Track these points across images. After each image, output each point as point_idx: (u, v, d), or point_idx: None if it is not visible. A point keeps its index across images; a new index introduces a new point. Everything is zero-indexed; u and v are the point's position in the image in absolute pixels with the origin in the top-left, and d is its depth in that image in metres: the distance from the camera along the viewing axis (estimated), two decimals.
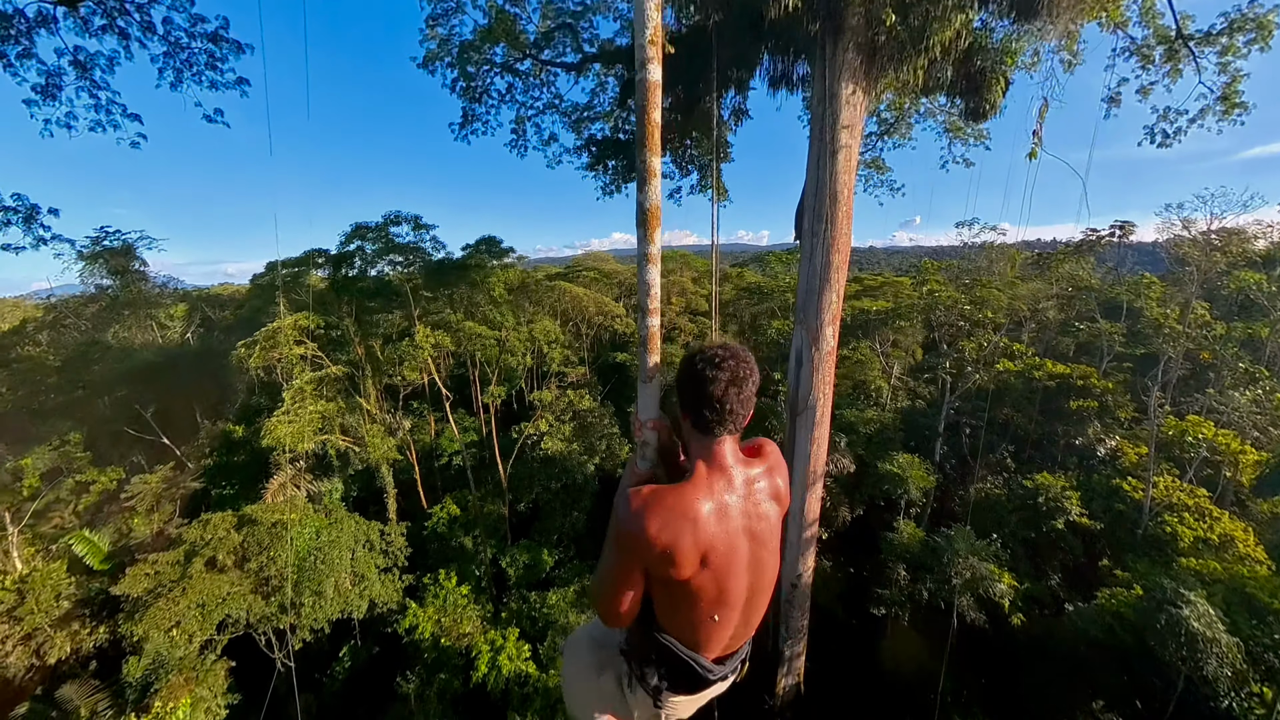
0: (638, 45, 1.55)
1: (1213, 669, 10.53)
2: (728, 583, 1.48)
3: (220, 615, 12.16)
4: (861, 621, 16.31)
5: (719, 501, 1.46)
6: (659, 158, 1.63)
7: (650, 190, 1.62)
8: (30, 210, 6.71)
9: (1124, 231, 25.33)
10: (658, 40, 1.55)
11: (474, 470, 19.14)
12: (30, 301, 41.05)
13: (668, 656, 1.58)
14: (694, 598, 1.47)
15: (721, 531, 1.44)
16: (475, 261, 19.55)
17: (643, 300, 1.71)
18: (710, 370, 1.45)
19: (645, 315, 1.71)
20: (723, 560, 1.45)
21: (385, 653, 15.23)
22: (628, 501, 1.44)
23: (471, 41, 12.14)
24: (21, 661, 14.10)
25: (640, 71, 1.56)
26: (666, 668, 1.59)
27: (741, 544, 1.49)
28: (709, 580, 1.45)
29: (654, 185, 1.62)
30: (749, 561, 1.52)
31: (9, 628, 14.46)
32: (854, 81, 8.58)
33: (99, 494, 19.21)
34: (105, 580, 16.13)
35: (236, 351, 16.36)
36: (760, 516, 1.54)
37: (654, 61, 1.55)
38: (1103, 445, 19.62)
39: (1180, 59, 11.02)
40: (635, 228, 1.67)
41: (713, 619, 1.51)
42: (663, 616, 1.56)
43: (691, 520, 1.40)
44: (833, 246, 9.28)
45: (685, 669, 1.58)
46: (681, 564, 1.39)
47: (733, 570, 1.48)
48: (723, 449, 1.51)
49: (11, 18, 6.38)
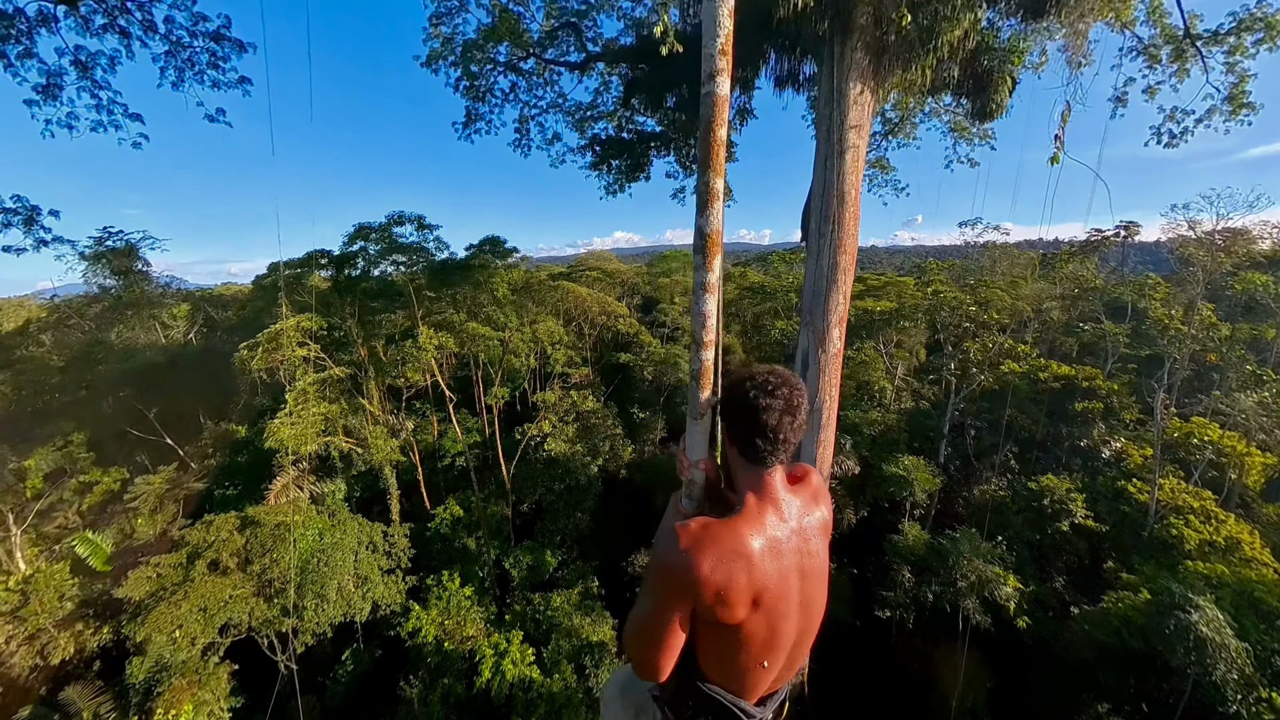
0: (706, 55, 1.42)
1: (1221, 674, 10.41)
2: (779, 625, 1.39)
3: (223, 618, 12.08)
4: (866, 624, 16.21)
5: (771, 537, 1.37)
6: (723, 178, 1.49)
7: (712, 214, 1.49)
8: (30, 212, 6.63)
9: (1129, 231, 25.14)
10: (728, 51, 1.42)
11: (477, 471, 19.06)
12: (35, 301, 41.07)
13: (709, 705, 1.47)
14: (743, 643, 1.37)
15: (775, 569, 1.35)
16: (479, 261, 19.46)
17: (697, 332, 1.58)
18: (765, 399, 1.37)
19: (699, 348, 1.58)
20: (775, 600, 1.36)
21: (388, 656, 15.16)
22: (675, 538, 1.34)
23: (475, 40, 12.05)
24: (26, 662, 14.07)
25: (708, 84, 1.42)
26: (706, 716, 1.49)
27: (794, 582, 1.40)
28: (760, 623, 1.35)
29: (716, 209, 1.49)
30: (799, 600, 1.43)
31: (13, 628, 14.42)
32: (862, 81, 8.46)
33: (102, 495, 19.18)
34: (108, 581, 16.10)
35: (239, 353, 16.28)
36: (811, 553, 1.45)
37: (724, 74, 1.42)
38: (1108, 447, 19.48)
39: (1188, 59, 10.89)
40: (693, 254, 1.55)
41: (762, 665, 1.42)
42: (705, 663, 1.46)
43: (745, 557, 1.31)
44: (840, 248, 9.16)
45: (727, 715, 1.47)
46: (735, 605, 1.30)
47: (785, 611, 1.39)
48: (774, 480, 1.43)
49: (12, 17, 6.30)
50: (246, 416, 21.27)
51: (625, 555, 17.90)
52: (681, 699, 1.52)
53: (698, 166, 1.51)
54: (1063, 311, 28.03)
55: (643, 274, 39.13)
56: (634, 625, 1.45)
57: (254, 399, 20.77)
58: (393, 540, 15.94)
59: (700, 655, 1.46)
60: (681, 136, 12.47)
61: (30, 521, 18.42)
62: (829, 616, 1.70)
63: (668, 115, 12.00)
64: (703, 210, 1.51)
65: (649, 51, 11.09)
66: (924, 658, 15.24)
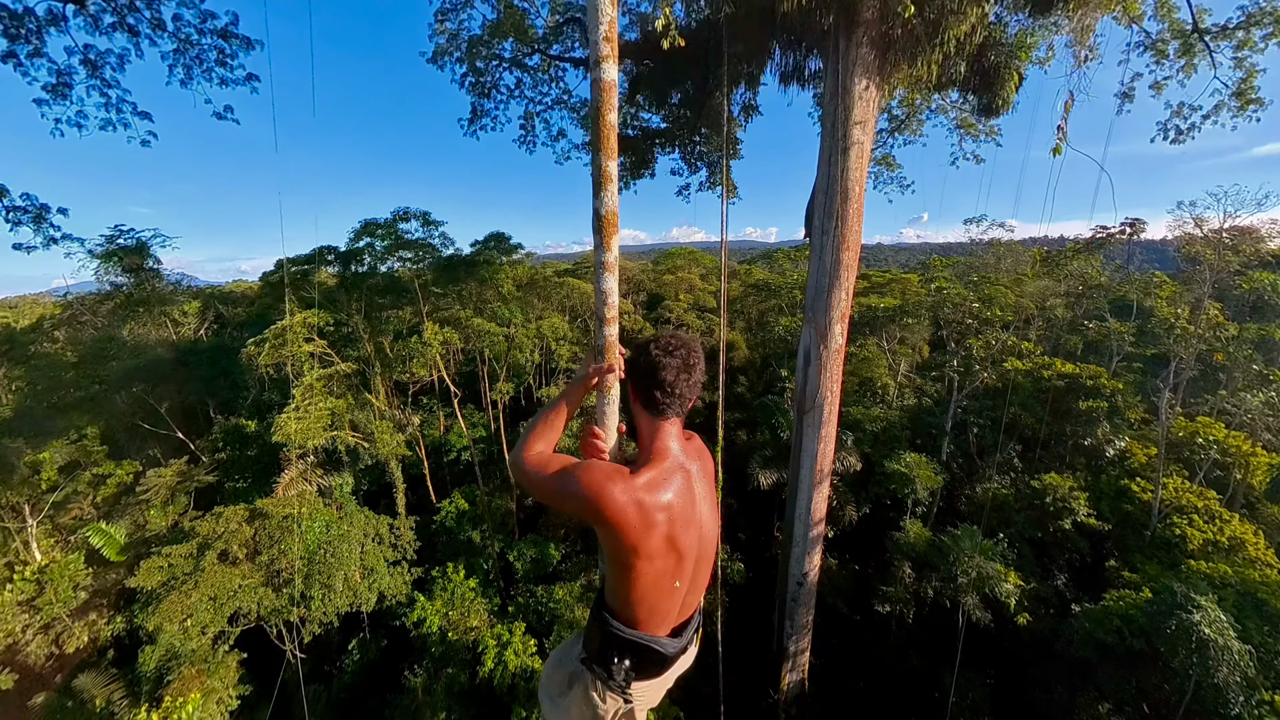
0: (591, 42, 1.45)
1: (1223, 676, 10.29)
2: (682, 541, 1.57)
3: (232, 608, 12.19)
4: (866, 619, 16.16)
5: (668, 470, 1.58)
6: (614, 161, 1.55)
7: (606, 196, 1.55)
8: (39, 210, 6.62)
9: (1134, 229, 24.77)
10: (613, 38, 1.45)
11: (482, 466, 19.11)
12: (48, 299, 41.45)
13: (627, 645, 1.63)
14: (655, 561, 1.54)
15: (674, 498, 1.55)
16: (484, 258, 19.45)
17: (599, 309, 1.67)
18: (665, 358, 1.59)
19: (602, 325, 1.67)
20: (677, 524, 1.55)
21: (393, 645, 15.26)
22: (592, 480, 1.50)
23: (480, 36, 12.00)
24: (41, 650, 14.27)
25: (594, 70, 1.46)
26: (629, 656, 1.64)
27: (689, 509, 1.61)
28: (668, 543, 1.54)
29: (610, 190, 1.56)
30: (696, 524, 1.64)
31: (29, 617, 14.63)
32: (867, 77, 8.36)
33: (115, 487, 19.36)
34: (121, 571, 16.28)
35: (247, 349, 16.36)
36: (700, 489, 1.68)
37: (609, 60, 1.46)
38: (1111, 446, 19.27)
39: (1195, 54, 10.73)
40: (592, 234, 1.59)
41: (675, 585, 1.62)
42: (624, 601, 1.62)
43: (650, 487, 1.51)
44: (843, 244, 9.09)
45: (646, 651, 1.64)
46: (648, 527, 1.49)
47: (685, 533, 1.58)
48: (670, 429, 1.65)
49: (22, 17, 6.29)
50: (255, 411, 21.37)
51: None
52: (605, 652, 1.66)
53: (590, 150, 1.55)
54: (1067, 309, 27.72)
55: (648, 271, 39.04)
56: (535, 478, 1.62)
57: (263, 394, 20.85)
58: (398, 533, 16.03)
59: (620, 593, 1.62)
60: (687, 133, 12.39)
61: (45, 513, 18.63)
62: (830, 612, 1.76)
63: (673, 112, 11.93)
64: (597, 193, 1.56)
65: (654, 48, 11.00)
66: (923, 653, 15.19)
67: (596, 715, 1.74)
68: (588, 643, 1.76)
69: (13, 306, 41.84)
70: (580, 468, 1.55)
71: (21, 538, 18.00)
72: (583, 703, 1.76)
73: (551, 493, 1.58)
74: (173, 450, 21.51)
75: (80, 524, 18.38)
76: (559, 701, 1.86)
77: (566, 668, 1.88)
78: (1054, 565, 16.70)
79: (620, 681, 1.63)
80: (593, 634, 1.72)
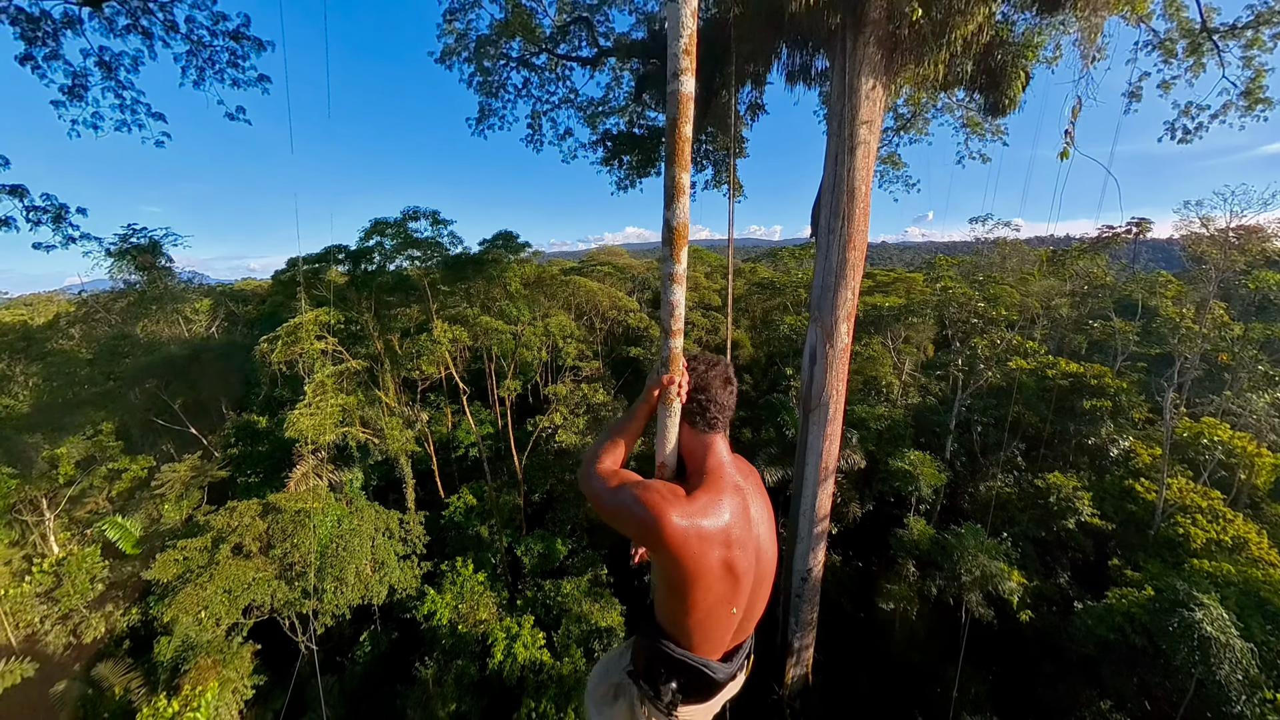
0: (670, 54, 1.43)
1: (1225, 674, 10.25)
2: (740, 571, 1.51)
3: (246, 600, 12.33)
4: (870, 615, 16.17)
5: (727, 487, 1.53)
6: (688, 173, 1.54)
7: (678, 207, 1.53)
8: (59, 210, 6.70)
9: (1140, 228, 24.54)
10: (692, 50, 1.43)
11: (490, 462, 19.20)
12: (63, 296, 41.82)
13: (679, 668, 1.57)
14: (718, 591, 1.48)
15: (736, 523, 1.49)
16: (492, 256, 19.49)
17: (666, 321, 1.62)
18: (709, 372, 1.64)
19: (668, 336, 1.63)
20: (739, 550, 1.49)
21: (404, 638, 15.38)
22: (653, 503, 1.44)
23: (488, 36, 12.03)
24: (60, 640, 14.49)
25: (672, 83, 1.44)
26: (677, 678, 1.58)
27: (749, 533, 1.54)
28: (727, 570, 1.47)
29: (682, 202, 1.53)
30: (754, 546, 1.57)
31: (47, 608, 14.84)
32: (874, 76, 8.32)
33: (130, 481, 19.57)
34: (137, 564, 16.47)
35: (260, 346, 16.49)
36: (761, 504, 1.63)
37: (687, 73, 1.44)
38: (1116, 445, 19.15)
39: (1204, 53, 10.62)
40: (662, 245, 1.58)
41: (732, 611, 1.55)
42: (677, 622, 1.56)
43: (714, 515, 1.45)
44: (849, 243, 9.07)
45: (695, 675, 1.57)
46: (703, 552, 1.42)
47: (745, 558, 1.52)
48: (720, 444, 1.63)
49: (39, 20, 6.36)
50: (267, 408, 21.53)
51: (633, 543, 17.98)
52: (654, 669, 1.60)
53: (664, 162, 1.54)
54: (1072, 308, 27.52)
55: (653, 269, 38.98)
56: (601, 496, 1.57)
57: (274, 391, 21.00)
58: (408, 527, 16.14)
59: (672, 614, 1.55)
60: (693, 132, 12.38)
61: (63, 507, 18.87)
62: (834, 609, 1.75)
63: None
64: (669, 204, 1.55)
65: (660, 46, 11.00)
66: (926, 650, 15.18)
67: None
68: (635, 656, 1.70)
69: (27, 304, 42.27)
70: (641, 487, 1.48)
71: (39, 531, 18.24)
72: (626, 718, 1.70)
73: (611, 510, 1.52)
74: (186, 446, 21.73)
75: (96, 518, 18.60)
76: (603, 712, 1.81)
77: (613, 678, 1.82)
78: (1057, 564, 16.64)
79: (666, 703, 1.57)
80: (640, 649, 1.66)
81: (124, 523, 17.33)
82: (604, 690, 1.83)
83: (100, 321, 27.30)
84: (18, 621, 14.77)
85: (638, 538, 1.50)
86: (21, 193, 6.51)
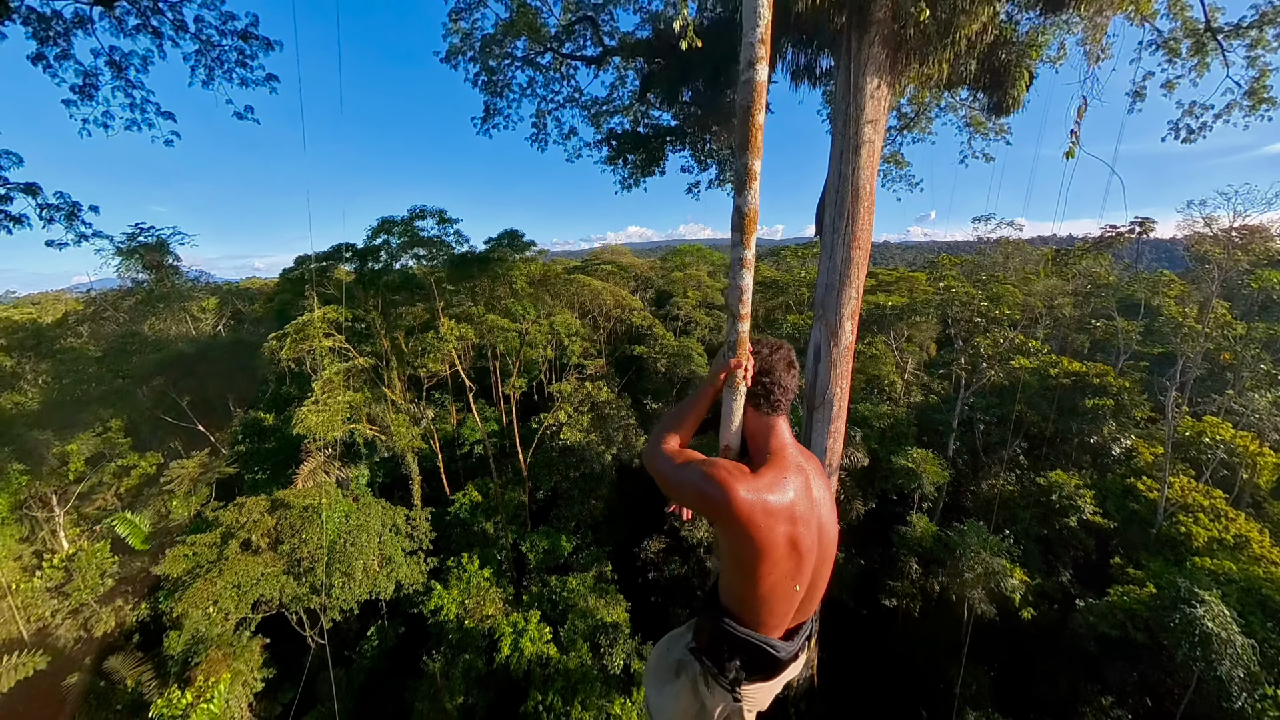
0: (746, 43, 1.49)
1: (1226, 670, 10.26)
2: (804, 549, 1.53)
3: (255, 595, 12.41)
4: (872, 612, 16.19)
5: (791, 469, 1.56)
6: (759, 160, 1.57)
7: (750, 194, 1.58)
8: (72, 207, 6.75)
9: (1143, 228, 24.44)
10: (768, 39, 1.49)
11: (495, 459, 19.26)
12: (71, 295, 42.01)
13: (739, 645, 1.58)
14: (783, 567, 1.50)
15: (800, 501, 1.52)
16: (498, 255, 19.52)
17: (733, 305, 1.67)
18: (773, 355, 1.68)
19: (735, 320, 1.67)
20: (803, 527, 1.52)
21: (411, 632, 15.46)
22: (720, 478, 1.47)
23: (493, 35, 12.03)
24: (71, 634, 14.60)
25: (747, 71, 1.50)
26: (741, 656, 1.59)
27: (812, 512, 1.57)
28: (792, 547, 1.50)
29: (754, 189, 1.58)
30: (817, 525, 1.59)
31: (58, 603, 14.96)
32: (879, 75, 8.32)
33: (139, 478, 19.69)
34: (146, 560, 16.58)
35: (268, 343, 16.56)
36: (823, 485, 1.65)
37: (763, 61, 1.50)
38: (1118, 444, 19.12)
39: (1208, 52, 10.58)
40: (730, 231, 1.64)
41: (795, 589, 1.56)
42: (736, 596, 1.58)
43: (779, 492, 1.49)
44: (853, 242, 9.06)
45: (758, 653, 1.58)
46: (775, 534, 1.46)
47: (809, 536, 1.55)
48: (783, 425, 1.67)
49: (50, 20, 6.39)
50: (273, 405, 21.62)
51: (637, 541, 18.03)
52: (716, 646, 1.62)
53: (735, 149, 1.58)
54: (1075, 308, 27.43)
55: (656, 268, 38.98)
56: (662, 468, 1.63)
57: (281, 388, 21.09)
58: (414, 523, 16.21)
59: (737, 592, 1.58)
60: (697, 131, 12.36)
61: (72, 503, 18.99)
62: (837, 606, 1.79)
63: (683, 109, 11.90)
64: (740, 190, 1.59)
65: (665, 46, 10.99)
66: (928, 646, 15.20)
67: (703, 709, 1.69)
68: (698, 633, 1.72)
69: (35, 303, 42.47)
70: (707, 464, 1.51)
71: (49, 527, 18.37)
72: (689, 694, 1.71)
73: (677, 485, 1.56)
74: (194, 442, 21.83)
75: (105, 514, 18.72)
76: (664, 689, 1.80)
77: (675, 655, 1.83)
78: (1059, 561, 16.64)
79: (730, 680, 1.59)
80: (704, 626, 1.68)
81: (133, 519, 17.43)
82: (666, 666, 1.84)
83: (108, 320, 27.45)
84: (29, 615, 14.90)
85: (705, 512, 1.54)
86: (35, 190, 6.56)
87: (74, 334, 26.82)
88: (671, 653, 1.85)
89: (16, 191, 6.38)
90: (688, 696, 1.72)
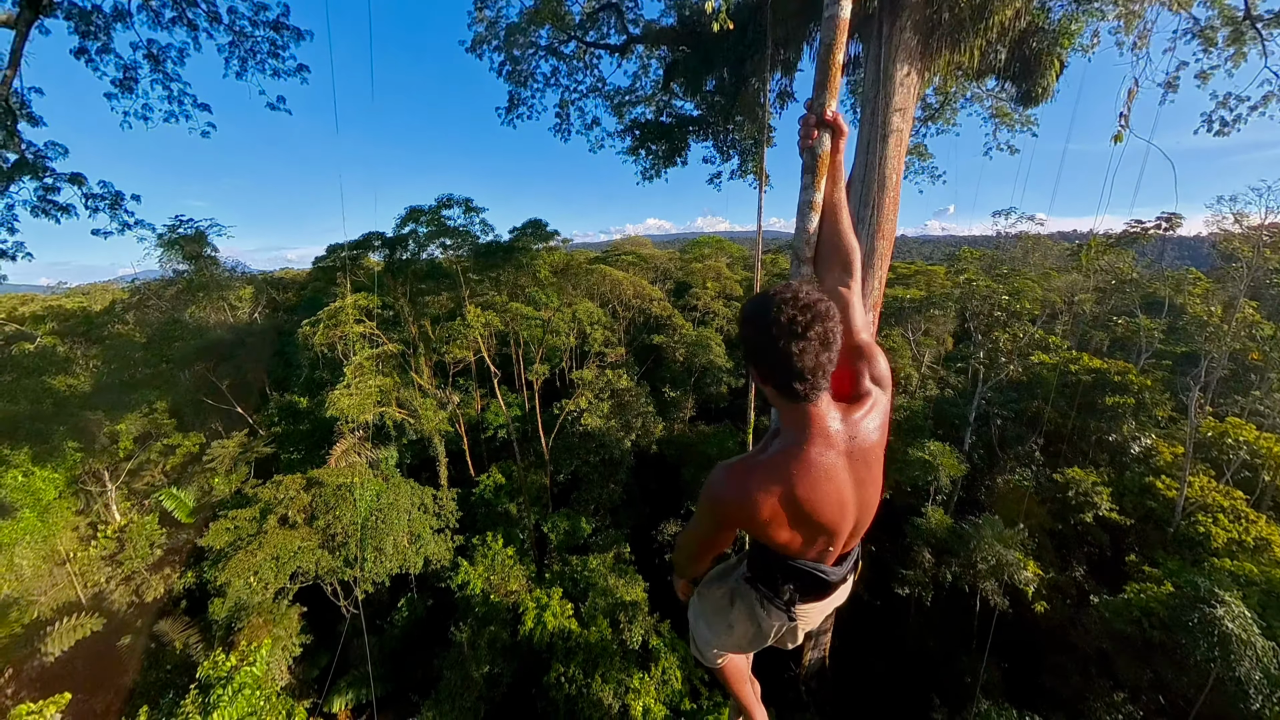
0: None
1: (1245, 671, 9.92)
2: (840, 525, 1.46)
3: (292, 567, 12.74)
4: (885, 602, 16.00)
5: (820, 464, 1.35)
6: (836, 100, 1.56)
7: (825, 137, 1.59)
8: (115, 197, 6.84)
9: (1170, 223, 23.37)
10: None
11: (518, 443, 19.41)
12: (117, 285, 43.21)
13: (795, 574, 1.59)
14: (805, 544, 1.49)
15: (824, 492, 1.36)
16: (522, 244, 19.50)
17: (800, 248, 1.70)
18: (797, 343, 1.21)
19: (799, 263, 1.71)
20: (830, 513, 1.40)
21: (439, 605, 15.76)
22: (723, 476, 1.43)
23: (518, 24, 11.83)
24: (124, 599, 15.17)
25: (831, 8, 1.48)
26: (794, 581, 1.61)
27: (848, 493, 1.41)
28: (815, 530, 1.44)
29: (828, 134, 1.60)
30: (855, 496, 1.44)
31: (112, 570, 15.54)
32: (909, 63, 8.00)
33: (183, 456, 20.28)
34: (191, 532, 17.11)
35: (303, 329, 16.81)
36: (866, 450, 1.41)
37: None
38: (1137, 443, 18.48)
39: (1245, 41, 9.95)
40: (801, 174, 1.64)
41: (828, 550, 1.54)
42: None
43: (789, 484, 1.34)
44: (878, 232, 8.79)
45: (809, 578, 1.59)
46: (783, 527, 1.41)
47: (842, 515, 1.44)
48: (818, 410, 1.35)
49: (91, 14, 6.42)
50: (307, 389, 22.02)
51: (655, 524, 18.04)
52: (770, 574, 1.64)
53: (814, 89, 1.58)
54: (1096, 304, 26.48)
55: (675, 259, 38.63)
56: (683, 540, 1.72)
57: (313, 373, 21.47)
58: (441, 503, 16.45)
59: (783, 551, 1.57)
60: (720, 121, 12.07)
61: (123, 479, 19.65)
62: (850, 596, 1.81)
63: (707, 99, 11.60)
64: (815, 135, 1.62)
65: (690, 33, 10.70)
66: (941, 636, 14.99)
67: (760, 630, 1.78)
68: (751, 563, 1.74)
69: (85, 293, 43.78)
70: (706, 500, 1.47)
71: (103, 500, 19.05)
72: (747, 619, 1.78)
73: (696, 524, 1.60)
74: (233, 424, 22.39)
75: (153, 489, 19.35)
76: (717, 620, 1.87)
77: (727, 584, 1.89)
78: (1073, 557, 16.24)
79: (785, 600, 1.63)
80: (757, 556, 1.70)
81: (179, 494, 18.00)
82: (717, 595, 1.90)
83: (152, 308, 28.14)
84: (86, 581, 15.53)
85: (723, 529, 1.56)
86: (80, 180, 6.65)
87: (121, 321, 27.58)
88: (724, 581, 1.92)
89: (63, 182, 6.49)
90: (744, 621, 1.80)
